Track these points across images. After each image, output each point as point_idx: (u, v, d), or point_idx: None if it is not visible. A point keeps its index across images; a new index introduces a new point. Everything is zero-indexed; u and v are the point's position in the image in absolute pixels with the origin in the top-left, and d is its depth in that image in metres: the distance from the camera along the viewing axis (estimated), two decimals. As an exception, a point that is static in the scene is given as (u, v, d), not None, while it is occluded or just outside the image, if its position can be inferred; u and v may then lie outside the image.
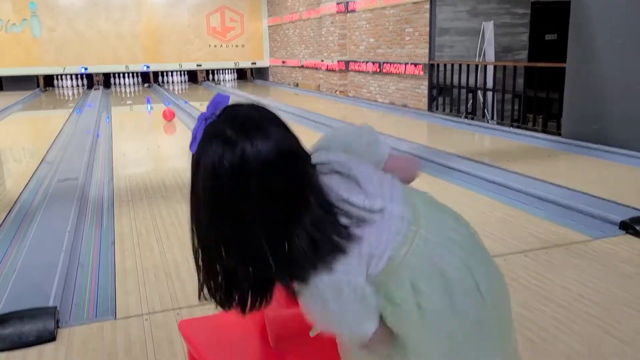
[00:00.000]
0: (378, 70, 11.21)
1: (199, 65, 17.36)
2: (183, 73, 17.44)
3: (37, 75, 16.07)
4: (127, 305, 2.54)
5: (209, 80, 17.56)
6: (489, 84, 8.42)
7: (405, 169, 1.19)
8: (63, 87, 16.35)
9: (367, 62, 11.66)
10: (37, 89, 15.80)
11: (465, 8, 9.20)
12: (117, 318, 2.42)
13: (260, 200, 0.91)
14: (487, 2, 9.21)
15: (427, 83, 9.65)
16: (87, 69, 16.30)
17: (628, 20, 5.68)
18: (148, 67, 16.85)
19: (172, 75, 17.33)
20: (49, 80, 16.27)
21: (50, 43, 15.91)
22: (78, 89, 16.18)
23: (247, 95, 13.36)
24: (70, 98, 14.39)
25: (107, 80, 16.64)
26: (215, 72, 17.69)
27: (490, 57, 8.70)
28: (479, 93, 8.64)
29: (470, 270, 1.03)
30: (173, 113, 9.16)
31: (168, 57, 17.05)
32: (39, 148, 7.07)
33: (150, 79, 16.95)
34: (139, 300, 2.58)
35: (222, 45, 17.49)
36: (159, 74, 17.13)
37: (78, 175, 5.13)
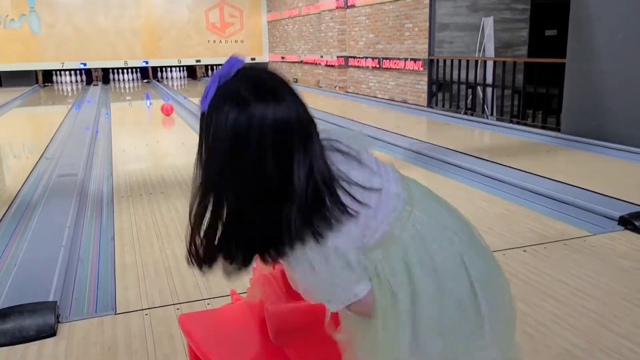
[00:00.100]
0: (377, 66, 11.20)
1: (198, 61, 17.34)
2: (182, 69, 17.42)
3: (35, 71, 16.05)
4: (127, 300, 2.54)
5: (208, 76, 17.52)
6: (489, 80, 8.41)
7: None
8: (62, 82, 16.34)
9: (366, 57, 11.64)
10: (36, 85, 15.78)
11: (465, 3, 9.18)
12: (117, 313, 2.43)
13: (266, 162, 0.91)
14: (486, -3, 9.21)
15: (426, 79, 9.64)
16: (86, 65, 16.28)
17: (628, 16, 5.67)
18: (147, 62, 16.83)
19: (171, 71, 17.32)
20: (48, 76, 16.25)
21: (49, 39, 15.88)
22: (77, 85, 16.17)
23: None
24: (69, 94, 14.37)
25: (106, 76, 16.62)
26: (215, 67, 17.65)
27: (490, 52, 8.69)
28: (479, 89, 8.63)
29: (462, 257, 1.04)
30: (172, 107, 9.18)
31: (167, 52, 17.03)
32: (38, 144, 7.07)
33: (149, 75, 16.93)
34: (139, 295, 2.59)
35: (221, 41, 17.46)
36: (158, 70, 17.12)
37: (77, 171, 5.13)
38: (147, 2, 16.65)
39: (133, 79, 16.86)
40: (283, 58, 16.62)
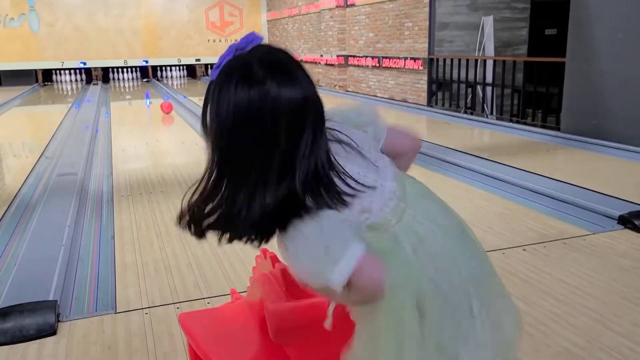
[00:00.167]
0: (377, 65, 11.20)
1: (198, 60, 17.34)
2: (182, 68, 17.42)
3: (35, 70, 16.05)
4: (127, 299, 2.54)
5: (208, 75, 17.49)
6: (489, 79, 8.41)
7: (405, 144, 1.19)
8: (62, 82, 16.33)
9: (366, 56, 11.64)
10: (35, 84, 15.78)
11: (465, 2, 9.18)
12: (117, 312, 2.43)
13: (272, 141, 0.91)
14: (486, -4, 9.21)
15: (426, 78, 9.64)
16: (85, 64, 16.27)
17: (628, 16, 5.67)
18: (147, 61, 16.82)
19: (171, 70, 17.32)
20: (48, 75, 16.25)
21: (49, 38, 15.88)
22: (77, 84, 16.16)
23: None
24: (69, 93, 14.37)
25: (105, 75, 16.61)
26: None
27: (490, 51, 8.69)
28: (479, 88, 8.63)
29: (454, 256, 1.04)
30: (171, 105, 9.21)
31: (167, 51, 17.02)
32: (38, 143, 7.06)
33: (149, 74, 16.93)
34: (139, 294, 2.59)
35: (221, 40, 17.46)
36: (158, 69, 17.11)
37: (77, 170, 5.13)
38: (147, 1, 16.65)
39: (133, 78, 16.86)
40: (283, 57, 16.60)
